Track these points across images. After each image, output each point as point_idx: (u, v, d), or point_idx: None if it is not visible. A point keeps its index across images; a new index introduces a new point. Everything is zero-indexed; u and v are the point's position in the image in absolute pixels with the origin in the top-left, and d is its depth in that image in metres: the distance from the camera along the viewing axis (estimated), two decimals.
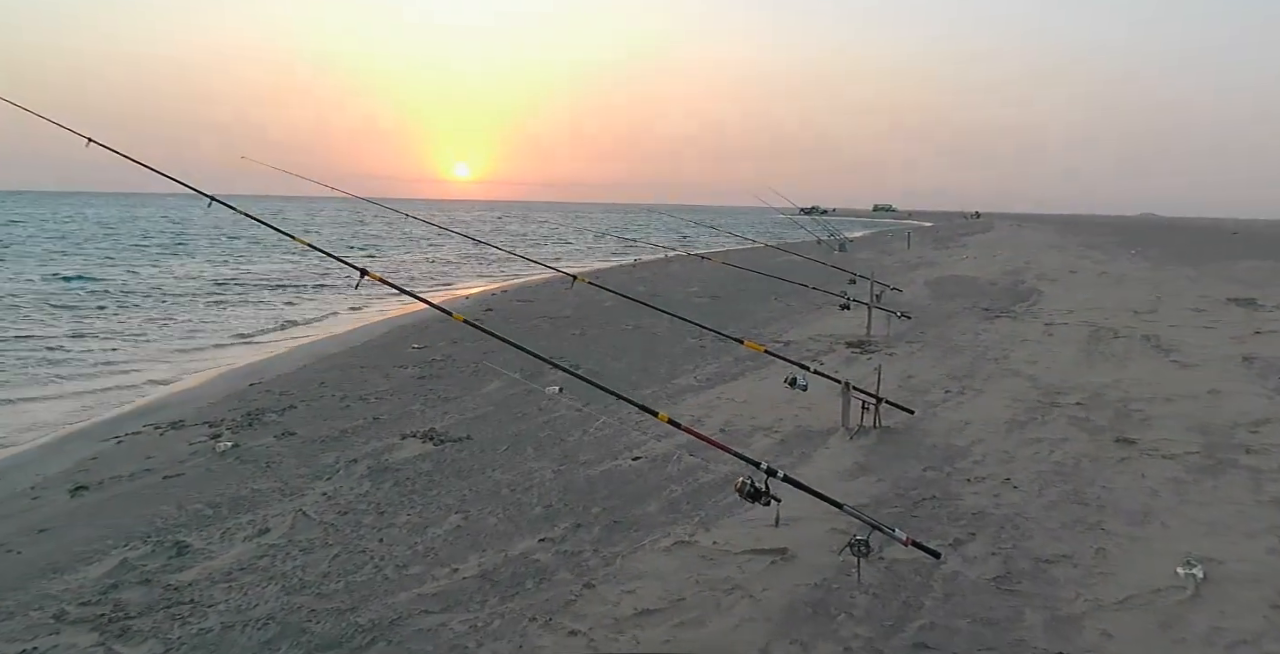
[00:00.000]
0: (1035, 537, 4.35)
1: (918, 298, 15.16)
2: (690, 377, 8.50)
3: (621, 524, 4.58)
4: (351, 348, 11.27)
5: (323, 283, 22.83)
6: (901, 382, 7.94)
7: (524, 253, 35.64)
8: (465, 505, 4.95)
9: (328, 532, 4.66)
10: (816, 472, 5.40)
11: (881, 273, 17.87)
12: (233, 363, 11.37)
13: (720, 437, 6.17)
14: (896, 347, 10.01)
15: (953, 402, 7.18)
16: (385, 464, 5.82)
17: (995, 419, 6.59)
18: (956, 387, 7.72)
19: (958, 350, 9.67)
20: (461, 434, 6.48)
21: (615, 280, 20.27)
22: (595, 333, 11.38)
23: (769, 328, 11.90)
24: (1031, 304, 14.08)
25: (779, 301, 14.90)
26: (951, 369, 8.55)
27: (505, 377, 8.51)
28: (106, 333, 14.03)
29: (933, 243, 37.62)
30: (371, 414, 7.33)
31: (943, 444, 5.94)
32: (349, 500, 5.14)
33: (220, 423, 7.28)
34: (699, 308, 14.36)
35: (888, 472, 5.38)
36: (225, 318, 16.14)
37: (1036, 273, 20.43)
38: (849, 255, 28.02)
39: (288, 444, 6.50)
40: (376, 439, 6.53)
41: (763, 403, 7.26)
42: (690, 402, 7.41)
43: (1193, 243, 38.35)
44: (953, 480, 5.19)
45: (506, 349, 10.24)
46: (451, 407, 7.48)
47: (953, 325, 11.68)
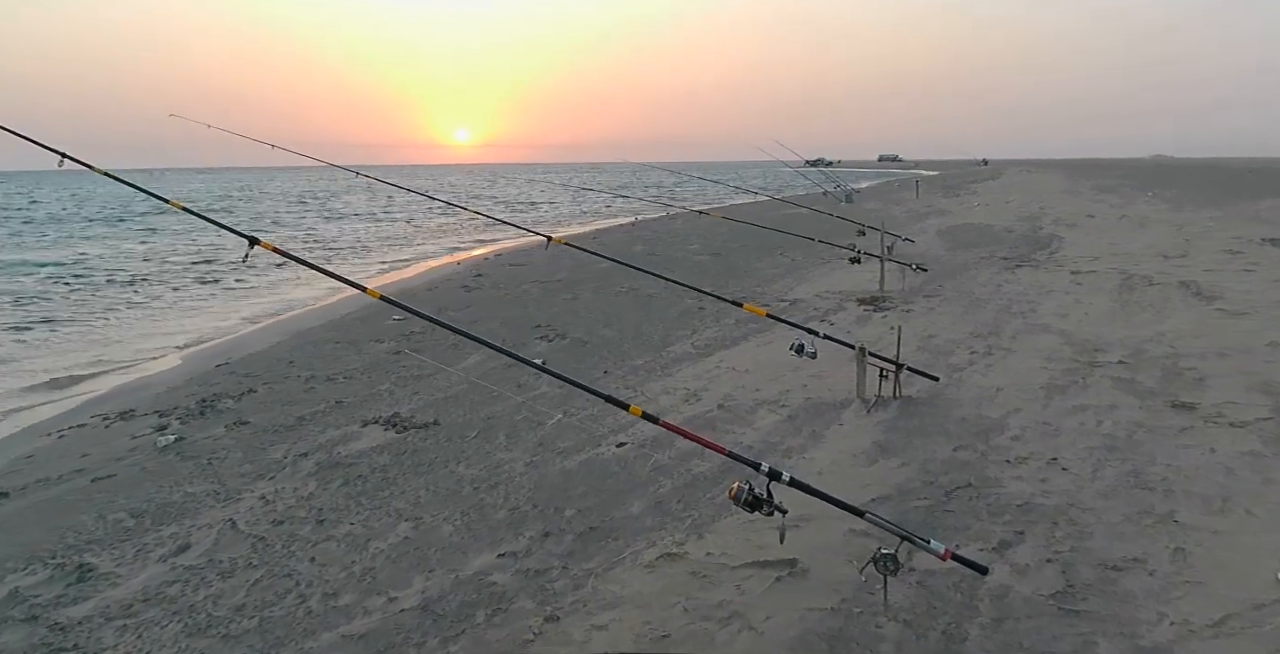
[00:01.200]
0: (1096, 534, 3.57)
1: (931, 248, 14.26)
2: (687, 343, 7.70)
3: (598, 531, 3.83)
4: (330, 321, 10.50)
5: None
6: (921, 342, 7.13)
7: (507, 216, 34.72)
8: (419, 510, 4.21)
9: (255, 548, 3.93)
10: (830, 455, 4.62)
11: (891, 223, 16.94)
12: (209, 341, 10.65)
13: (720, 414, 5.41)
14: (913, 302, 9.18)
15: (980, 364, 6.38)
16: (337, 459, 5.08)
17: (1030, 384, 5.78)
18: (983, 346, 6.91)
19: (980, 304, 8.83)
20: (429, 418, 5.73)
21: (612, 240, 19.43)
22: (588, 297, 10.56)
23: (774, 285, 11.07)
24: (1053, 251, 13.16)
25: (784, 257, 14.03)
26: (975, 326, 7.72)
27: (484, 350, 7.75)
28: (74, 316, 13.32)
29: (942, 191, 36.38)
30: (336, 397, 6.59)
31: (974, 416, 5.15)
32: (288, 506, 4.41)
33: (172, 412, 6.56)
34: (699, 266, 13.52)
35: (913, 452, 4.60)
36: (196, 296, 15.40)
37: (1053, 218, 19.43)
38: (856, 206, 26.98)
39: (236, 436, 5.76)
40: (335, 427, 5.79)
41: (768, 371, 6.47)
42: (686, 372, 6.63)
43: (1211, 183, 37.05)
44: (990, 462, 4.41)
45: (490, 319, 9.48)
46: (424, 385, 6.73)
47: (972, 277, 10.81)
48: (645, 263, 14.34)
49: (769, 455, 4.65)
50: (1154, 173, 56.34)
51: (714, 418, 5.35)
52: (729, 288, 10.93)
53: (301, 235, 27.49)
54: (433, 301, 11.24)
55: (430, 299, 11.54)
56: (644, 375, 6.60)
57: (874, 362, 5.50)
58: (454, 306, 10.59)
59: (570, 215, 34.66)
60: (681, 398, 5.88)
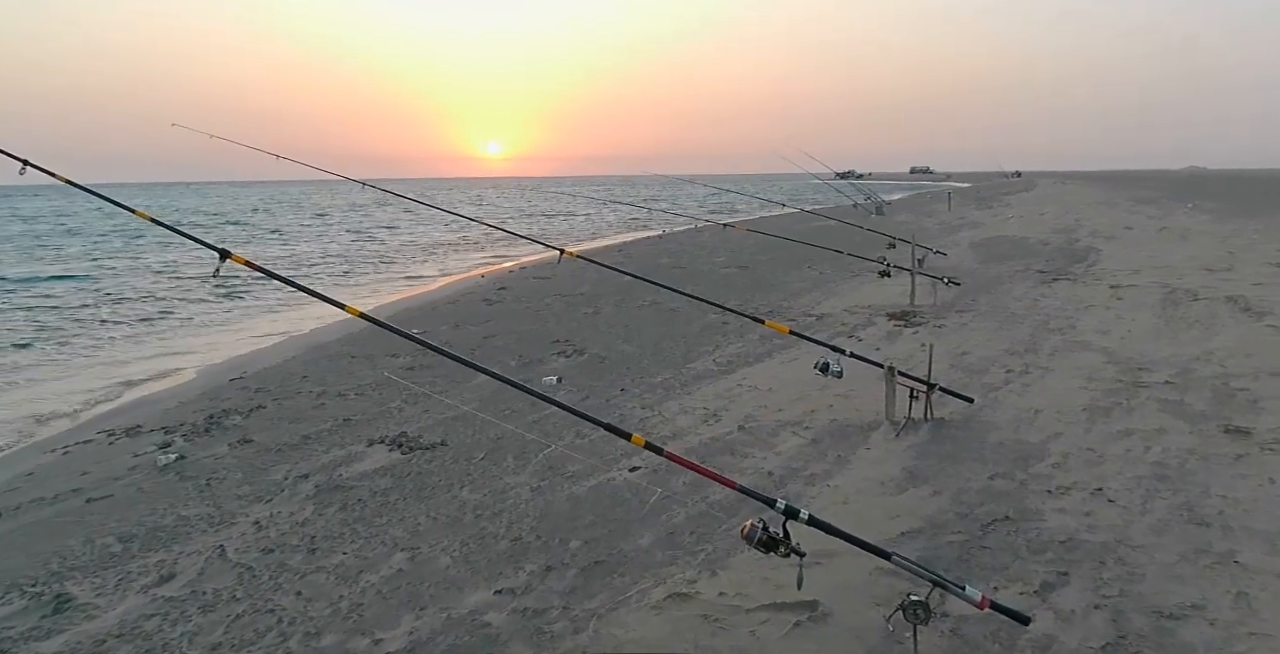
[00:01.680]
0: (1149, 576, 3.24)
1: (964, 261, 13.88)
2: (709, 359, 7.42)
3: (604, 565, 3.55)
4: (347, 335, 10.33)
5: (349, 269, 22.05)
6: (954, 360, 6.79)
7: (533, 229, 34.56)
8: (416, 539, 3.96)
9: (241, 579, 3.70)
10: (856, 483, 4.32)
11: (922, 236, 16.57)
12: (227, 354, 10.53)
13: (740, 437, 5.12)
14: (945, 317, 8.84)
15: (1016, 384, 6.03)
16: (338, 481, 4.85)
17: (1071, 405, 5.44)
18: (1019, 365, 6.56)
19: (1015, 320, 8.47)
20: (436, 439, 5.49)
21: (639, 252, 19.21)
22: (609, 311, 10.31)
23: (801, 299, 10.75)
24: (1090, 264, 12.73)
25: (812, 270, 13.71)
26: (1011, 343, 7.37)
27: (499, 365, 7.52)
28: (91, 330, 13.31)
29: (974, 203, 35.83)
30: (345, 414, 6.38)
31: (1011, 441, 4.81)
32: (281, 532, 4.18)
33: (178, 428, 6.39)
34: (725, 279, 13.24)
35: (945, 480, 4.28)
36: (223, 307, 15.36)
37: (1090, 230, 18.93)
38: (887, 218, 26.57)
39: (239, 455, 5.57)
40: (340, 446, 5.57)
41: (791, 390, 6.17)
42: (706, 390, 6.34)
43: (1251, 194, 36.19)
44: (1029, 491, 4.08)
45: (509, 333, 9.25)
46: (434, 403, 6.50)
47: (1006, 291, 10.44)
48: (670, 276, 14.10)
49: (791, 482, 4.35)
50: (1190, 184, 55.27)
51: (733, 441, 5.07)
52: (754, 302, 10.65)
53: (319, 250, 27.56)
54: (453, 315, 11.06)
55: (451, 313, 11.36)
56: (662, 394, 6.33)
57: (904, 381, 5.19)
58: (473, 321, 10.39)
59: (599, 228, 34.52)
60: (700, 418, 5.60)
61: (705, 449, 4.93)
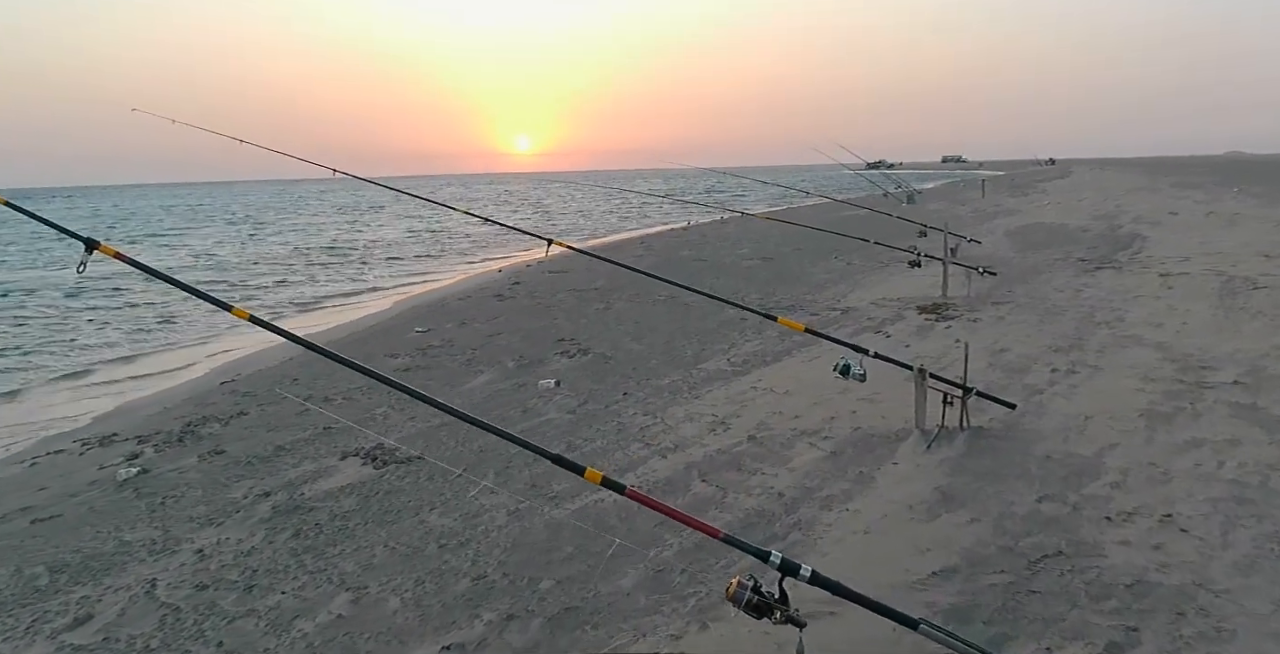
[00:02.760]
0: (1240, 633, 2.61)
1: (999, 250, 13.12)
2: (723, 358, 6.81)
3: (576, 613, 2.98)
4: (351, 334, 9.87)
5: (365, 260, 21.68)
6: (991, 358, 6.13)
7: (545, 221, 33.92)
8: (367, 576, 3.42)
9: (163, 623, 3.18)
10: (880, 506, 3.70)
11: (956, 224, 15.79)
12: (228, 354, 10.11)
13: (749, 449, 4.52)
14: (980, 310, 8.15)
15: (1063, 385, 5.37)
16: (299, 501, 4.33)
17: (1126, 410, 4.77)
18: (1064, 363, 5.89)
19: (1057, 312, 7.77)
20: (414, 451, 4.96)
21: (662, 244, 18.60)
22: (621, 307, 9.73)
23: (826, 292, 10.10)
24: (1136, 251, 11.92)
25: (839, 260, 13.03)
26: (1054, 338, 6.69)
27: (494, 369, 6.99)
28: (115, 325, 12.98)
29: (1009, 190, 34.71)
30: (326, 421, 5.86)
31: (1060, 454, 4.17)
32: (223, 564, 3.66)
33: (152, 437, 5.93)
34: (748, 271, 12.60)
35: (985, 503, 3.66)
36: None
37: (1132, 216, 18.00)
38: (918, 207, 25.70)
39: (205, 468, 5.07)
40: (312, 459, 5.06)
41: (811, 394, 5.56)
42: (717, 394, 5.74)
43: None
44: (1084, 518, 3.45)
45: (515, 331, 8.70)
46: (423, 409, 5.96)
47: (1046, 281, 9.71)
48: (690, 269, 13.49)
49: (804, 505, 3.75)
50: (1233, 168, 53.48)
51: (742, 454, 4.47)
52: (776, 295, 10.02)
53: (338, 242, 27.25)
54: (462, 312, 10.54)
55: (461, 309, 10.85)
56: (668, 398, 5.74)
57: (936, 385, 4.56)
58: (481, 318, 9.87)
59: (622, 220, 33.89)
60: (707, 426, 5.00)
61: (709, 464, 4.34)
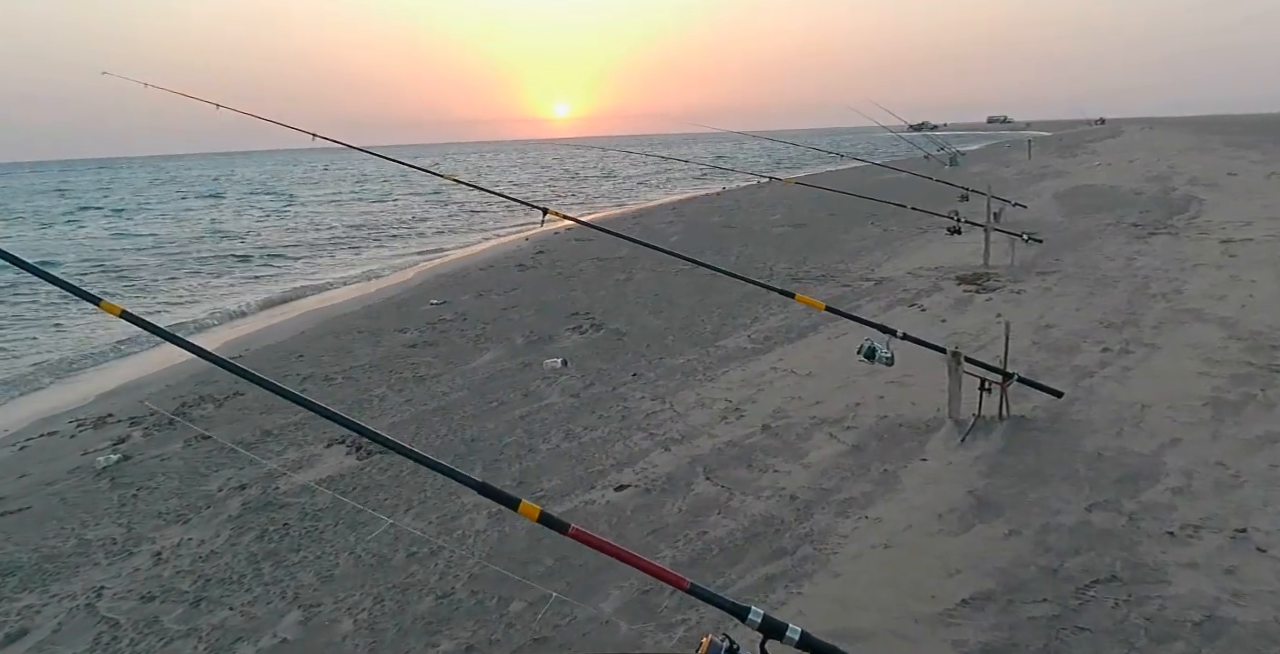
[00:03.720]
0: None
1: (1046, 214, 12.38)
2: (744, 335, 6.34)
3: (545, 645, 2.58)
4: (366, 307, 9.54)
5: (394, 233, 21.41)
6: (1036, 335, 5.59)
7: (586, 186, 33.25)
8: (324, 590, 3.05)
9: (97, 642, 2.85)
10: (903, 514, 3.24)
11: (1001, 187, 15.02)
12: (242, 327, 9.86)
13: (762, 440, 4.07)
14: (1025, 281, 7.56)
15: (1115, 367, 4.83)
16: (272, 496, 3.98)
17: (1188, 398, 4.23)
18: (1117, 341, 5.33)
19: (1109, 283, 7.16)
20: (403, 439, 4.58)
21: (692, 210, 18.06)
22: (643, 277, 9.27)
23: (860, 261, 9.54)
24: (1193, 216, 11.14)
25: (876, 226, 12.41)
26: (1105, 312, 6.11)
27: (499, 348, 6.59)
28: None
29: (1057, 151, 33.37)
30: (324, 402, 5.53)
31: (1113, 450, 3.66)
32: (178, 570, 3.32)
33: (145, 419, 5.66)
34: (779, 238, 12.04)
35: (1026, 511, 3.18)
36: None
37: (1187, 177, 17.01)
38: (961, 170, 24.68)
39: (188, 456, 4.76)
40: (297, 446, 4.72)
41: (835, 376, 5.08)
42: (734, 375, 5.29)
43: None
44: (1143, 533, 2.96)
45: (531, 304, 8.28)
46: (422, 390, 5.60)
47: (1096, 248, 9.04)
48: (719, 236, 12.96)
49: (819, 511, 3.30)
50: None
51: (754, 446, 4.02)
52: (807, 264, 9.49)
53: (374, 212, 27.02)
54: (482, 282, 10.17)
55: (481, 280, 10.47)
56: (680, 380, 5.30)
57: (972, 370, 4.07)
58: (500, 289, 9.48)
59: (655, 186, 33.18)
60: (719, 413, 4.56)
61: (716, 458, 3.90)
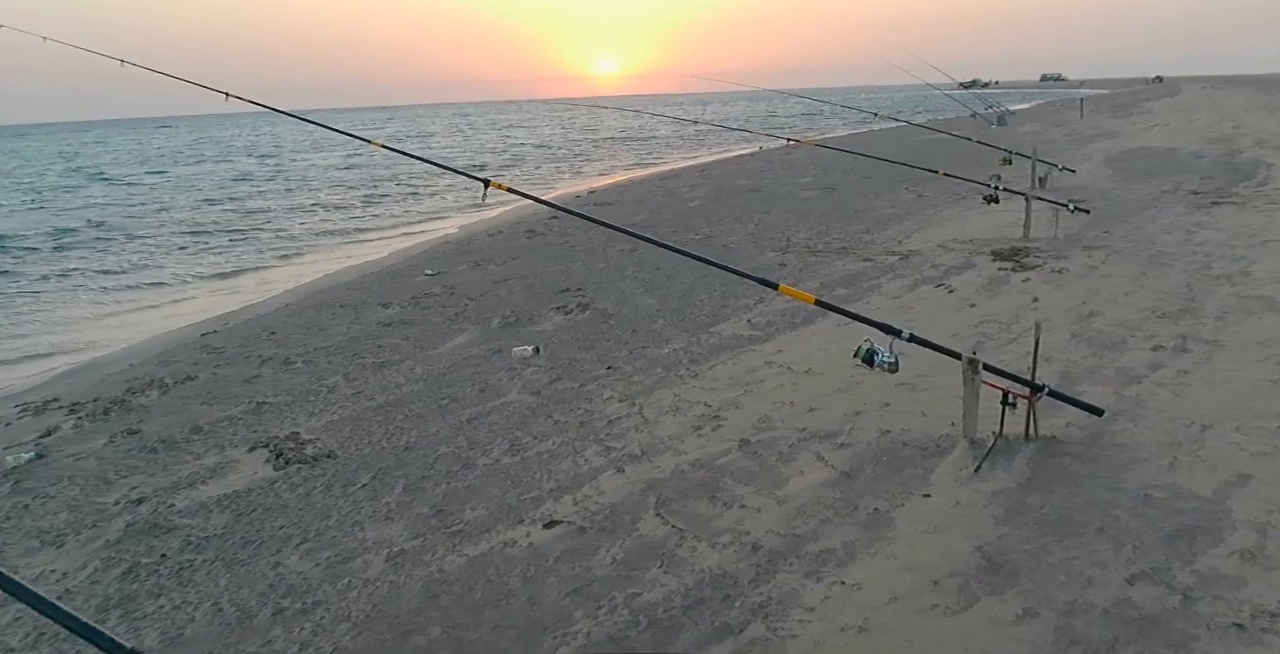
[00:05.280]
0: None
1: (1096, 180, 11.34)
2: (743, 319, 5.62)
3: None
4: (362, 276, 8.96)
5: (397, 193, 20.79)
6: (1077, 326, 4.78)
7: (613, 148, 32.19)
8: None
9: None
10: (889, 576, 2.53)
11: (1048, 149, 13.92)
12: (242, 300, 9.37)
13: (736, 461, 3.39)
14: (1068, 256, 6.70)
15: (1169, 370, 4.02)
16: (164, 516, 3.39)
17: (1259, 415, 3.43)
18: (1172, 336, 4.50)
19: (1164, 261, 6.27)
20: (330, 445, 3.96)
21: (722, 172, 17.17)
22: (650, 248, 8.51)
23: (887, 231, 8.69)
24: (1261, 182, 10.06)
25: (910, 192, 11.48)
26: (1158, 298, 5.27)
27: (471, 330, 5.94)
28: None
29: (1111, 110, 31.56)
30: (268, 393, 4.95)
31: (1165, 488, 2.90)
32: (16, 617, 2.75)
33: (85, 406, 5.15)
34: (803, 204, 11.18)
35: (1048, 581, 2.45)
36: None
37: (1254, 139, 15.68)
38: (1009, 130, 23.39)
39: (104, 455, 4.21)
40: (219, 449, 4.13)
41: (836, 374, 4.35)
42: (721, 371, 4.57)
43: None
44: (1201, 621, 2.22)
45: (524, 277, 7.61)
46: (377, 380, 4.98)
47: (1151, 219, 8.09)
48: (743, 200, 12.12)
49: (783, 568, 2.61)
50: None
51: (725, 468, 3.33)
52: (830, 234, 8.68)
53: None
54: (485, 251, 9.52)
55: (486, 248, 9.82)
56: (660, 375, 4.60)
57: (993, 380, 3.32)
58: (500, 258, 8.82)
59: (691, 145, 32.05)
60: (693, 422, 3.86)
61: (676, 485, 3.22)
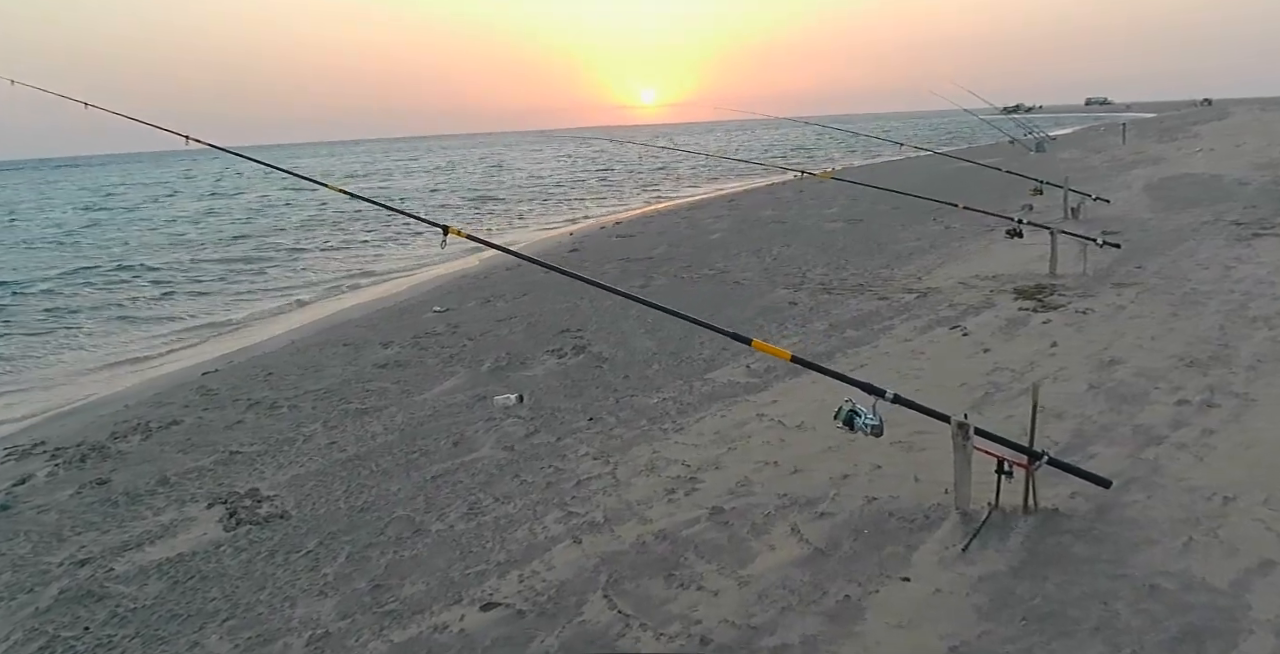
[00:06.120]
0: None
1: (1133, 209, 10.87)
2: (741, 364, 5.31)
3: None
4: (374, 312, 8.84)
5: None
6: (1096, 375, 4.41)
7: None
8: None
9: None
10: None
11: (1087, 176, 13.49)
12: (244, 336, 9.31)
13: (704, 531, 3.11)
14: (1096, 294, 6.31)
15: (1193, 428, 3.64)
16: (99, 582, 3.19)
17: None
18: (1198, 387, 4.11)
19: (1198, 300, 5.86)
20: (287, 504, 3.75)
21: (749, 201, 16.94)
22: (662, 283, 8.29)
23: (909, 265, 8.34)
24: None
25: (938, 223, 11.11)
26: (1189, 342, 4.87)
27: (462, 374, 5.72)
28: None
29: (1156, 135, 30.73)
30: (245, 441, 4.77)
31: (1175, 579, 2.54)
32: None
33: (66, 451, 5.07)
34: (825, 236, 10.87)
35: None
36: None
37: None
38: (1048, 156, 22.84)
39: (66, 509, 4.05)
40: (178, 505, 3.94)
41: (830, 431, 3.99)
42: (706, 425, 4.28)
43: None
44: None
45: (527, 316, 7.40)
46: (354, 429, 4.78)
47: (1188, 253, 7.65)
48: (765, 231, 11.85)
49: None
50: None
51: (690, 540, 3.03)
52: (846, 270, 8.36)
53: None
54: (501, 284, 9.36)
55: (499, 282, 9.66)
56: (642, 429, 4.32)
57: (987, 445, 2.99)
58: (510, 294, 8.64)
59: (721, 174, 31.75)
60: (667, 484, 3.57)
61: (634, 560, 2.93)
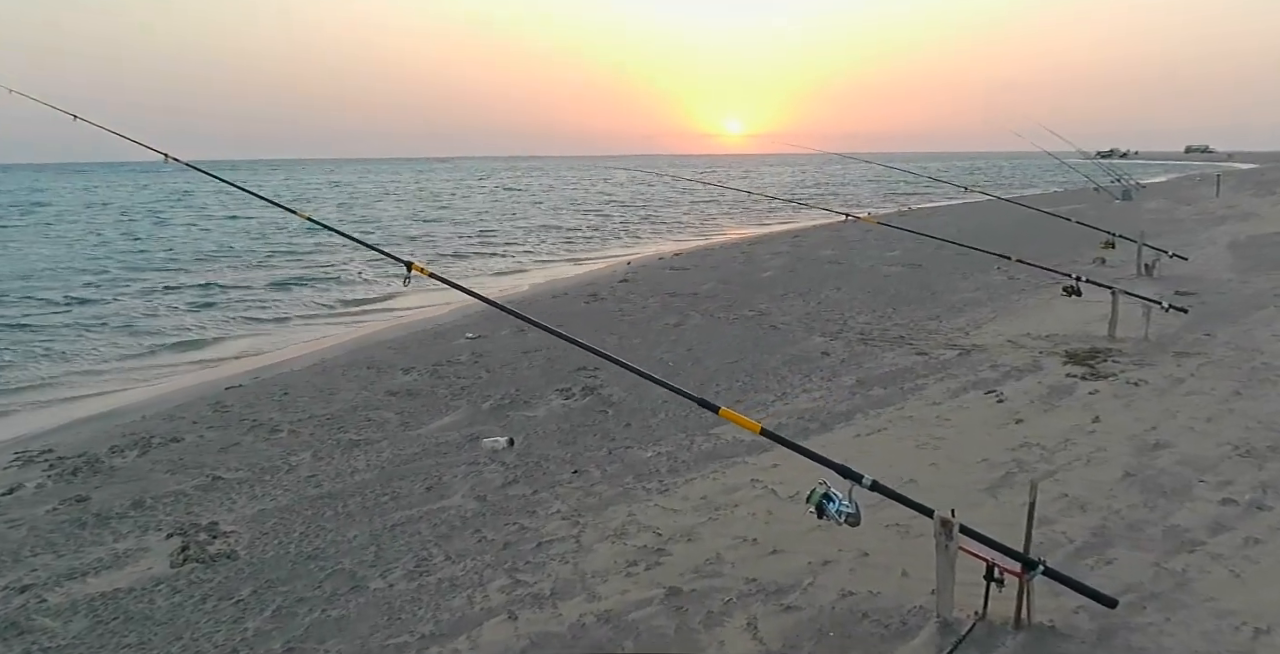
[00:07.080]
0: None
1: (1213, 269, 10.15)
2: (763, 412, 4.99)
3: None
4: (408, 335, 8.78)
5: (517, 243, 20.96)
6: (1136, 459, 3.95)
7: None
8: None
9: None
10: None
11: (1171, 230, 12.74)
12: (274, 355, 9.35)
13: (653, 616, 2.80)
14: (1155, 363, 5.79)
15: (1234, 535, 3.19)
16: (30, 612, 3.05)
17: None
18: (1251, 484, 3.64)
19: (1266, 378, 5.30)
20: (243, 541, 3.58)
21: (812, 239, 16.53)
22: (697, 322, 8.00)
23: (959, 318, 7.89)
24: None
25: (1001, 272, 10.57)
26: (1248, 428, 4.36)
27: (458, 412, 5.53)
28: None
29: (1253, 188, 29.12)
30: (231, 467, 4.66)
31: None
32: None
33: (66, 461, 5.06)
34: (880, 281, 10.44)
35: None
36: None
37: None
38: (1133, 205, 21.86)
39: (35, 527, 3.97)
40: (139, 532, 3.82)
41: None
42: (696, 488, 3.97)
43: None
44: None
45: (551, 349, 7.20)
46: (339, 462, 4.61)
47: (1264, 321, 7.02)
48: (821, 272, 11.48)
49: None
50: None
51: (634, 626, 2.73)
52: (895, 317, 7.95)
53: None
54: (541, 312, 9.09)
55: (545, 308, 9.53)
56: (628, 485, 4.04)
57: (973, 549, 2.63)
58: (546, 323, 8.46)
59: (789, 207, 31.14)
60: (630, 555, 3.27)
61: (562, 647, 2.64)
